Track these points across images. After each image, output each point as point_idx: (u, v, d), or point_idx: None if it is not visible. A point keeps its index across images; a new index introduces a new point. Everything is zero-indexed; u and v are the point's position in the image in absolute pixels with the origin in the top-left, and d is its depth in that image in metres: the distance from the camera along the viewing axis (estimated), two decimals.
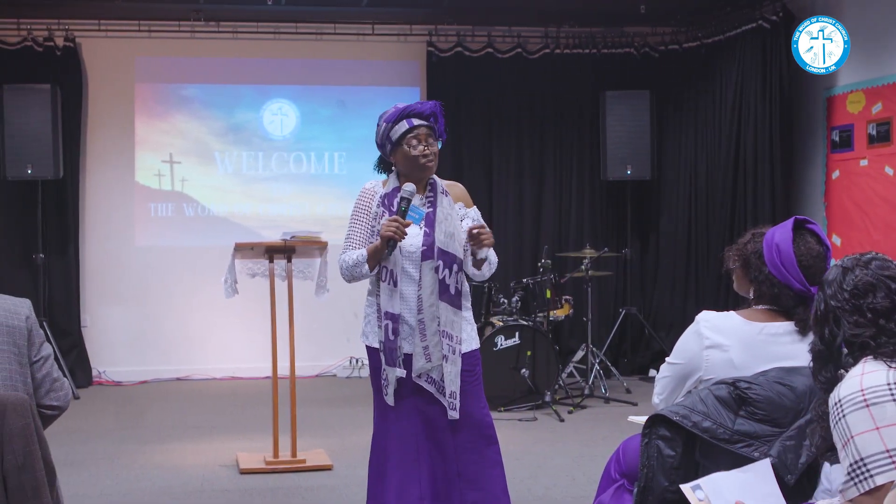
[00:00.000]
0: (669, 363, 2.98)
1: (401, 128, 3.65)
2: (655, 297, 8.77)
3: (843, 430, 2.14)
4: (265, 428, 5.96)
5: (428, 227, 3.63)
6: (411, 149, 3.64)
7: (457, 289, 3.62)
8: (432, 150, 3.67)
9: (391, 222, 3.53)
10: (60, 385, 2.93)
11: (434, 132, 3.69)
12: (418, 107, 3.69)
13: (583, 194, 8.68)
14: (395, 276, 3.62)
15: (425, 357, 3.59)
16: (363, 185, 3.78)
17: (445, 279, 3.59)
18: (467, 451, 3.61)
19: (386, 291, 3.64)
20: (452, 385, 3.59)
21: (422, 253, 3.60)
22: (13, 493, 2.54)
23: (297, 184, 8.69)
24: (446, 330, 3.59)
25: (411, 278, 3.61)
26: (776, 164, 7.50)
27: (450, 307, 3.60)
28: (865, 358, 2.22)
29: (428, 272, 3.59)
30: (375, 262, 3.63)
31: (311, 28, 8.49)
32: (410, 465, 3.62)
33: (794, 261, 2.77)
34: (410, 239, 3.60)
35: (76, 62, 8.16)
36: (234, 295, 5.38)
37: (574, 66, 8.66)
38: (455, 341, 3.60)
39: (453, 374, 3.59)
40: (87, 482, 5.14)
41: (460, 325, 3.62)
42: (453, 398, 3.59)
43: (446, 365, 3.59)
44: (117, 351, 8.35)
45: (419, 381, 3.61)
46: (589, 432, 6.30)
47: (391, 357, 3.63)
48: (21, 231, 8.03)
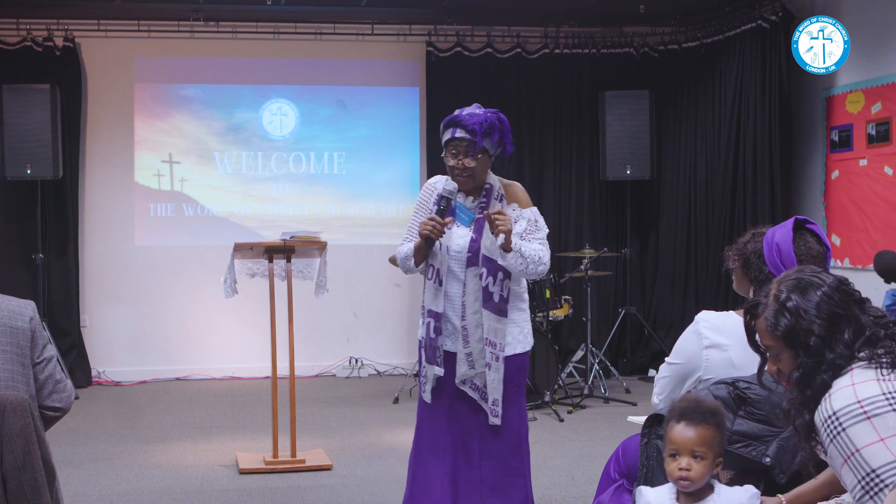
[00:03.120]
0: (669, 363, 2.98)
1: (445, 136, 3.65)
2: (655, 297, 8.77)
3: (844, 444, 2.09)
4: (265, 428, 5.96)
5: (476, 232, 3.62)
6: (450, 159, 3.65)
7: (501, 296, 3.59)
8: (465, 166, 3.61)
9: (428, 221, 3.54)
10: (63, 387, 2.93)
11: (474, 147, 3.60)
12: (466, 118, 3.61)
13: (582, 194, 8.68)
14: (440, 276, 3.62)
15: (468, 364, 3.60)
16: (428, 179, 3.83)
17: (489, 287, 3.57)
18: (493, 458, 3.62)
19: (430, 289, 3.65)
20: (495, 392, 3.59)
21: (467, 259, 3.61)
22: (13, 493, 2.54)
23: (297, 184, 8.69)
24: (489, 338, 3.58)
25: (457, 279, 3.62)
26: (776, 164, 7.50)
27: (493, 314, 3.58)
28: (852, 367, 2.16)
29: (472, 279, 3.60)
30: (420, 258, 3.65)
31: (310, 28, 8.49)
32: (436, 463, 3.64)
33: (795, 261, 2.77)
34: (458, 240, 3.62)
35: (76, 62, 8.16)
36: (234, 295, 5.38)
37: (574, 66, 8.67)
38: (498, 349, 3.59)
39: (496, 381, 3.59)
40: (87, 482, 5.14)
41: (504, 332, 3.61)
42: (496, 405, 3.61)
43: (489, 372, 3.59)
44: (117, 351, 8.35)
45: (463, 386, 3.63)
46: (588, 432, 6.30)
47: (432, 355, 3.63)
48: (21, 231, 8.03)
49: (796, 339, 2.21)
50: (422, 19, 8.50)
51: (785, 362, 2.25)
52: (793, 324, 2.21)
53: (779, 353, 2.25)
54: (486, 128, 3.61)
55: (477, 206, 3.67)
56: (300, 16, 8.33)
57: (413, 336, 8.33)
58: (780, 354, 2.25)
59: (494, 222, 3.50)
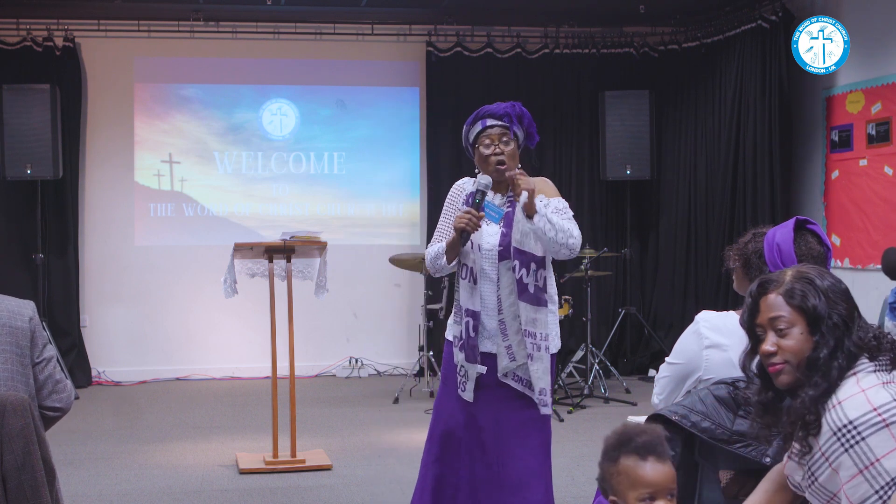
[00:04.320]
0: (669, 363, 2.98)
1: (475, 129, 3.65)
2: (655, 297, 8.77)
3: (863, 454, 2.03)
4: (265, 428, 5.96)
5: (506, 226, 3.58)
6: (484, 149, 3.62)
7: (536, 286, 3.55)
8: (504, 150, 3.59)
9: (464, 214, 3.51)
10: (63, 387, 2.93)
11: (509, 132, 3.61)
12: (492, 107, 3.65)
13: (582, 194, 8.68)
14: (474, 274, 3.59)
15: (509, 356, 3.56)
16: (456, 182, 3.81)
17: (523, 278, 3.54)
18: (509, 458, 3.59)
19: (466, 288, 3.62)
20: (541, 382, 3.55)
21: (498, 253, 3.57)
22: (13, 493, 2.54)
23: (297, 184, 8.68)
24: (528, 329, 3.53)
25: (489, 278, 3.58)
26: (775, 164, 7.50)
27: (530, 306, 3.54)
28: (855, 372, 2.13)
29: (505, 272, 3.56)
30: (453, 255, 3.61)
31: (310, 28, 8.49)
32: (451, 460, 3.62)
33: (796, 261, 2.76)
34: (488, 238, 3.58)
35: (75, 62, 8.16)
36: (234, 295, 5.38)
37: (574, 66, 8.67)
38: (540, 338, 3.55)
39: (541, 370, 3.55)
40: (87, 482, 5.14)
41: (545, 322, 3.57)
42: (543, 395, 3.57)
43: (531, 363, 3.55)
44: (117, 351, 8.35)
45: (505, 379, 3.58)
46: (588, 432, 6.30)
47: (472, 354, 3.59)
48: (21, 231, 8.03)
49: (821, 317, 2.16)
50: (422, 19, 8.50)
51: (795, 341, 2.18)
52: (821, 300, 2.17)
53: (790, 328, 2.19)
54: (518, 112, 3.63)
55: (505, 202, 3.64)
56: (300, 16, 8.33)
57: (413, 336, 8.34)
58: (791, 331, 2.19)
59: (516, 180, 3.47)
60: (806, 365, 2.16)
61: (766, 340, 2.23)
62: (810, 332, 2.17)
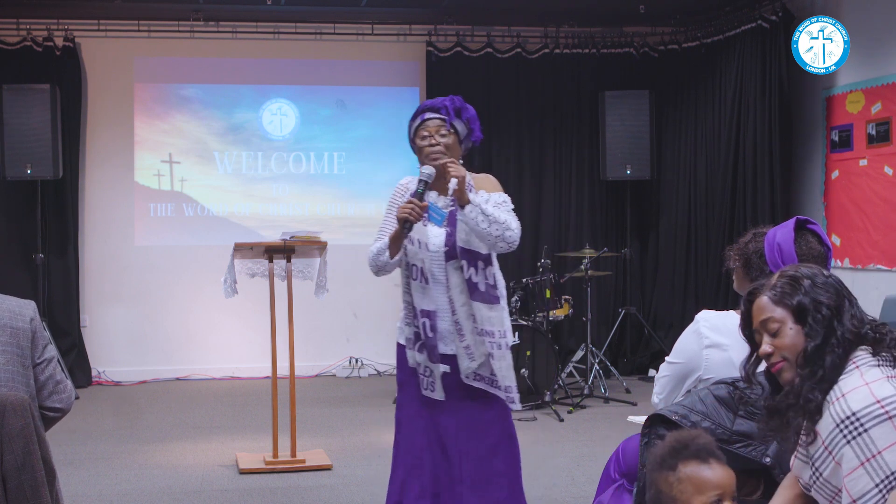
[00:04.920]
0: (669, 362, 2.98)
1: (414, 123, 3.69)
2: (655, 296, 8.77)
3: (865, 446, 2.03)
4: (265, 428, 5.96)
5: (451, 226, 3.55)
6: (421, 140, 3.64)
7: (487, 284, 3.53)
8: (440, 142, 3.59)
9: (407, 204, 3.48)
10: (63, 387, 2.93)
11: (446, 124, 3.61)
12: (432, 101, 3.67)
13: (582, 194, 8.68)
14: (425, 274, 3.55)
15: (468, 357, 3.53)
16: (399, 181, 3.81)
17: (472, 277, 3.51)
18: (470, 457, 3.56)
19: (418, 289, 3.58)
20: (507, 379, 3.53)
21: (445, 254, 3.54)
22: (13, 493, 2.54)
23: (297, 184, 8.68)
24: (485, 328, 3.51)
25: (438, 280, 3.55)
26: (776, 164, 7.50)
27: (484, 304, 3.51)
28: (858, 365, 2.14)
29: (454, 272, 3.53)
30: (396, 248, 3.56)
31: (310, 28, 8.49)
32: (414, 462, 3.60)
33: (796, 260, 2.77)
34: (434, 239, 3.55)
35: (76, 62, 8.16)
36: (234, 295, 5.38)
37: (574, 66, 8.67)
38: (498, 336, 3.52)
39: (505, 367, 3.53)
40: (87, 482, 5.14)
41: (500, 319, 3.54)
42: (510, 391, 3.54)
43: (494, 361, 3.52)
44: (117, 351, 8.34)
45: (468, 380, 3.56)
46: (588, 432, 6.30)
47: (433, 353, 3.56)
48: (21, 231, 8.03)
49: (806, 309, 2.18)
50: (422, 19, 8.50)
51: (788, 338, 2.20)
52: (804, 293, 2.19)
53: (781, 327, 2.21)
54: (458, 105, 3.62)
55: (448, 203, 3.59)
56: (300, 16, 8.33)
57: None
58: (783, 329, 2.21)
59: (447, 167, 3.47)
60: (802, 357, 2.18)
61: (762, 343, 2.26)
62: (801, 327, 2.20)
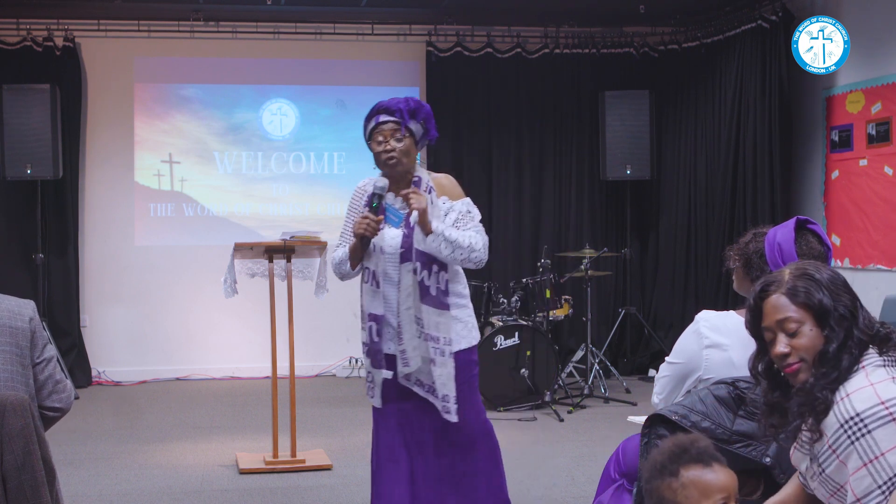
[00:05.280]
0: (669, 363, 2.98)
1: (370, 125, 3.60)
2: (655, 297, 8.77)
3: (868, 447, 2.02)
4: (265, 428, 5.96)
5: (408, 227, 3.50)
6: (376, 145, 3.57)
7: (438, 288, 3.46)
8: (395, 147, 3.53)
9: (362, 219, 3.46)
10: (63, 387, 2.93)
11: (401, 127, 3.53)
12: (387, 102, 3.56)
13: (582, 194, 8.68)
14: (377, 277, 3.52)
15: (402, 362, 3.49)
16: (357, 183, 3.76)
17: (424, 280, 3.45)
18: (446, 457, 3.53)
19: (368, 292, 3.56)
20: (445, 388, 3.45)
21: (400, 255, 3.49)
22: (13, 493, 2.54)
23: (297, 184, 8.68)
24: (430, 333, 3.44)
25: (392, 281, 3.50)
26: (775, 164, 7.50)
27: (433, 309, 3.45)
28: (864, 365, 2.12)
29: (406, 274, 3.47)
30: (356, 260, 3.56)
31: (310, 28, 8.49)
32: (394, 464, 3.57)
33: (797, 260, 2.77)
34: (390, 241, 3.51)
35: (76, 62, 8.16)
36: (234, 295, 5.37)
37: (574, 66, 8.66)
38: (443, 342, 3.45)
39: (444, 376, 3.45)
40: (87, 482, 5.14)
41: (448, 326, 3.47)
42: (447, 401, 3.46)
43: (435, 368, 3.45)
44: (117, 351, 8.34)
45: (407, 383, 3.52)
46: (588, 432, 6.30)
47: (377, 359, 3.55)
48: (21, 231, 8.03)
49: (827, 310, 2.15)
50: (422, 19, 8.50)
51: (807, 339, 2.17)
52: (825, 293, 2.16)
53: (800, 327, 2.17)
54: (413, 106, 3.55)
55: (405, 204, 3.53)
56: (300, 16, 8.33)
57: None
58: (801, 329, 2.17)
59: (408, 199, 3.42)
60: (819, 359, 2.15)
61: (776, 343, 2.21)
62: (820, 328, 2.17)
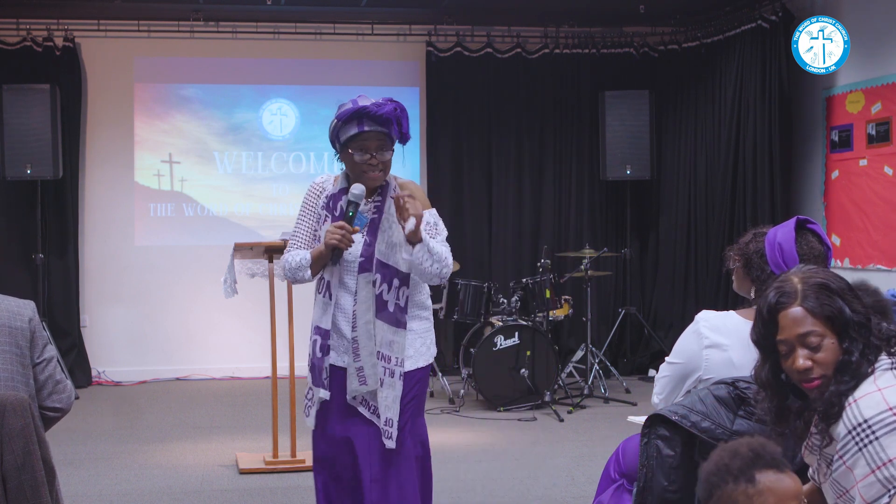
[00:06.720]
0: (669, 363, 2.98)
1: (350, 130, 3.27)
2: (655, 297, 8.77)
3: (875, 454, 2.00)
4: (265, 428, 5.96)
5: (370, 235, 3.27)
6: (358, 156, 3.26)
7: (397, 305, 3.25)
8: (380, 161, 3.28)
9: (337, 229, 3.18)
10: (63, 387, 2.93)
11: (389, 140, 3.30)
12: (375, 109, 3.26)
13: (582, 194, 8.68)
14: (331, 289, 3.28)
15: (359, 379, 3.24)
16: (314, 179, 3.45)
17: (383, 294, 3.24)
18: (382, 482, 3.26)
19: (320, 304, 3.32)
20: (389, 411, 3.23)
21: (359, 265, 3.26)
22: (13, 493, 2.54)
23: (297, 184, 8.68)
24: (383, 351, 3.23)
25: (349, 290, 3.28)
26: (775, 164, 7.50)
27: (388, 326, 3.24)
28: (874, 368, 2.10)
29: (364, 286, 3.24)
30: (319, 268, 3.30)
31: (310, 28, 8.49)
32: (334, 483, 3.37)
33: (797, 260, 2.77)
34: (350, 247, 3.25)
35: (75, 62, 8.16)
36: (234, 295, 5.37)
37: (574, 66, 8.66)
38: (394, 363, 3.24)
39: (390, 398, 3.24)
40: (87, 482, 5.14)
41: (401, 345, 3.26)
42: (389, 426, 3.23)
43: (382, 389, 3.24)
44: (117, 351, 8.34)
45: (353, 402, 3.29)
46: (588, 432, 6.30)
47: (318, 376, 3.33)
48: (21, 231, 8.03)
49: (847, 321, 2.12)
50: (422, 19, 8.49)
51: (830, 352, 2.13)
52: (842, 304, 2.13)
53: (822, 341, 2.13)
54: (400, 115, 3.30)
55: (371, 207, 3.31)
56: (300, 16, 8.33)
57: None
58: (823, 342, 2.13)
59: (404, 206, 3.15)
60: (840, 368, 2.12)
61: (796, 357, 2.16)
62: (838, 338, 2.14)
